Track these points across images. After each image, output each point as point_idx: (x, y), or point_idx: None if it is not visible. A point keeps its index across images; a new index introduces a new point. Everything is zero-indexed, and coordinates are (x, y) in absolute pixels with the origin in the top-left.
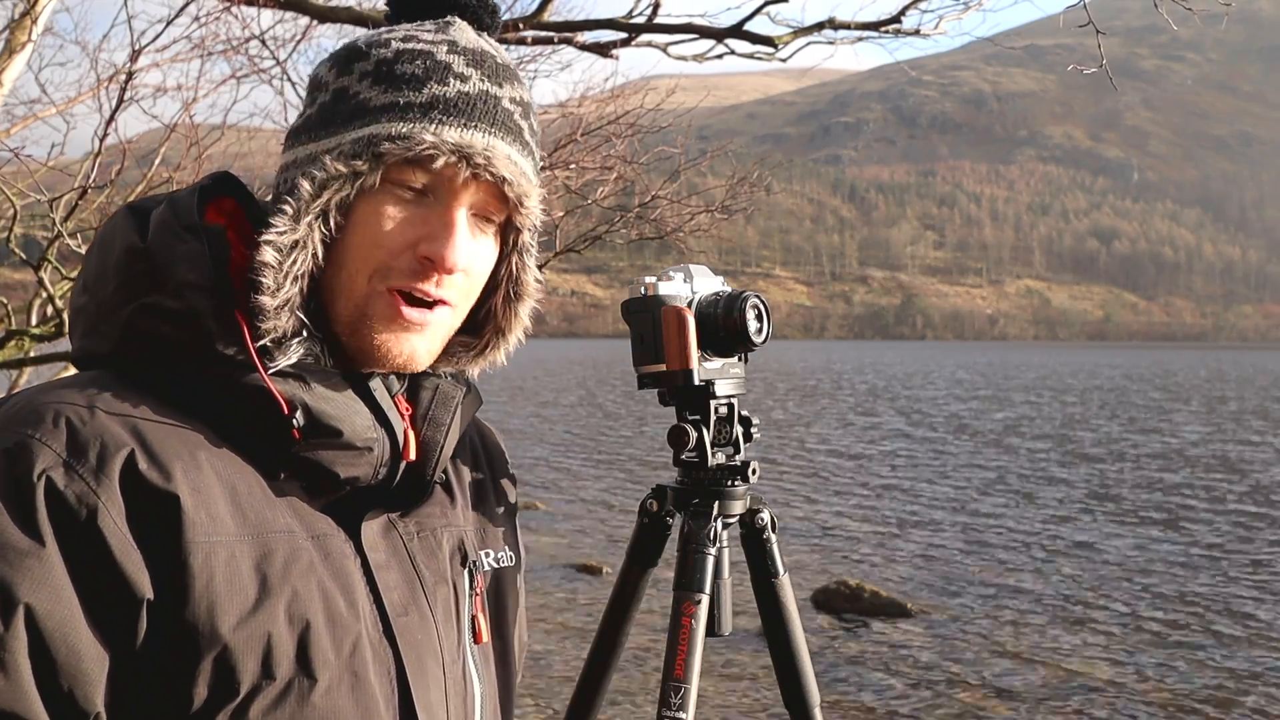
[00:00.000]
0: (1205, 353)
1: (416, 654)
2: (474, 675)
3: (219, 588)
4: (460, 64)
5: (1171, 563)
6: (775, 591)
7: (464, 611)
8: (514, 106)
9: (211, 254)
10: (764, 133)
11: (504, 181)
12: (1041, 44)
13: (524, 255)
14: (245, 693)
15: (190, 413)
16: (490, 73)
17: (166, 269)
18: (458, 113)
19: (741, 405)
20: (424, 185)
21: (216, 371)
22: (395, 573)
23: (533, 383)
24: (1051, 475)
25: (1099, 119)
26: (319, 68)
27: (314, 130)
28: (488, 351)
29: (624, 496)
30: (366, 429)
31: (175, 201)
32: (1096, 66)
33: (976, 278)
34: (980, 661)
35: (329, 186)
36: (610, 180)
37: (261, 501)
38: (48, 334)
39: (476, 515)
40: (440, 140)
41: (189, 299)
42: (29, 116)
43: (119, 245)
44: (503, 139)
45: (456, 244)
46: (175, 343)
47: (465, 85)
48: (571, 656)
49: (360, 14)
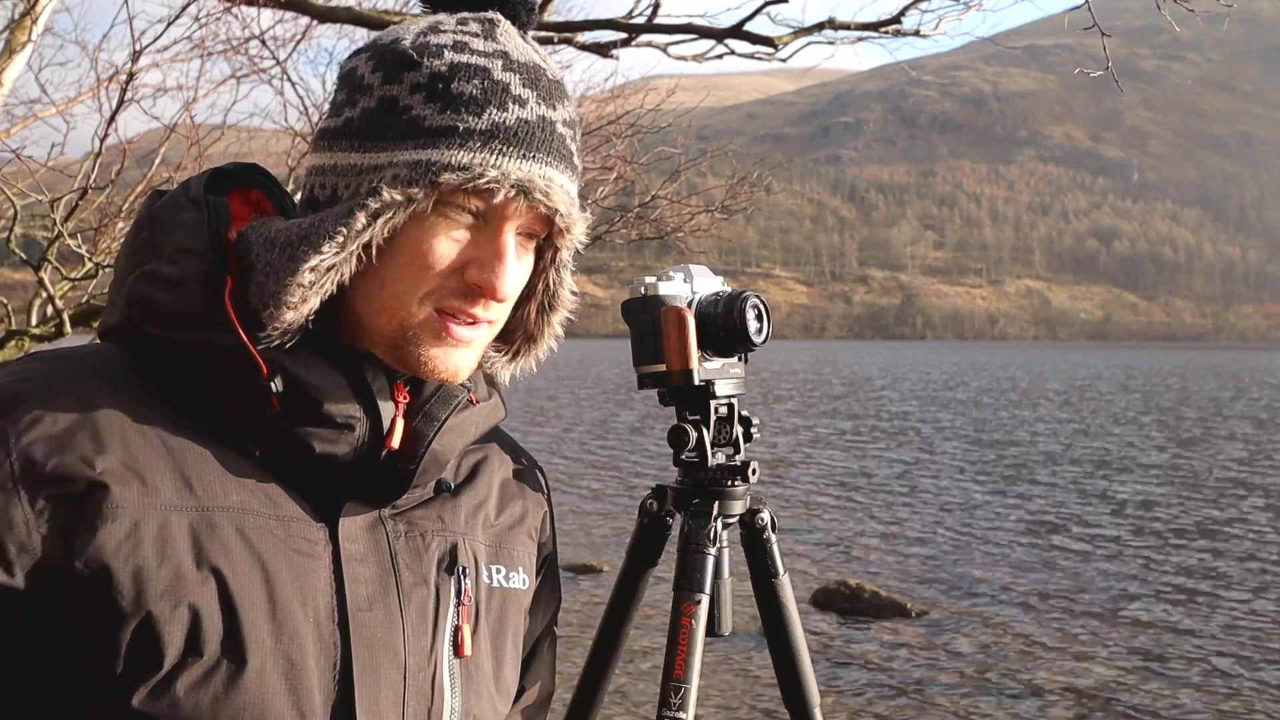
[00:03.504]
0: (1205, 353)
1: (370, 652)
2: (446, 688)
3: (145, 555)
4: (517, 85)
5: (1172, 563)
6: (775, 591)
7: (444, 620)
8: (566, 130)
9: (208, 224)
10: (764, 133)
11: (557, 213)
12: (1041, 44)
13: (561, 271)
14: (169, 667)
15: (172, 383)
16: (546, 94)
17: (165, 236)
18: (518, 142)
19: (741, 405)
20: (477, 210)
21: (198, 335)
22: (370, 568)
23: (533, 383)
24: (1051, 475)
25: (1099, 119)
26: (357, 63)
27: (359, 139)
28: (519, 357)
29: (624, 496)
30: (347, 403)
31: (189, 180)
32: (1101, 69)
33: (976, 278)
34: (980, 661)
35: (383, 215)
36: (610, 180)
37: (217, 477)
38: (48, 334)
39: (490, 529)
40: (504, 174)
41: (184, 264)
42: (29, 116)
43: (135, 221)
44: (558, 168)
45: (507, 273)
46: (166, 308)
47: (524, 111)
48: (571, 656)
49: (360, 14)
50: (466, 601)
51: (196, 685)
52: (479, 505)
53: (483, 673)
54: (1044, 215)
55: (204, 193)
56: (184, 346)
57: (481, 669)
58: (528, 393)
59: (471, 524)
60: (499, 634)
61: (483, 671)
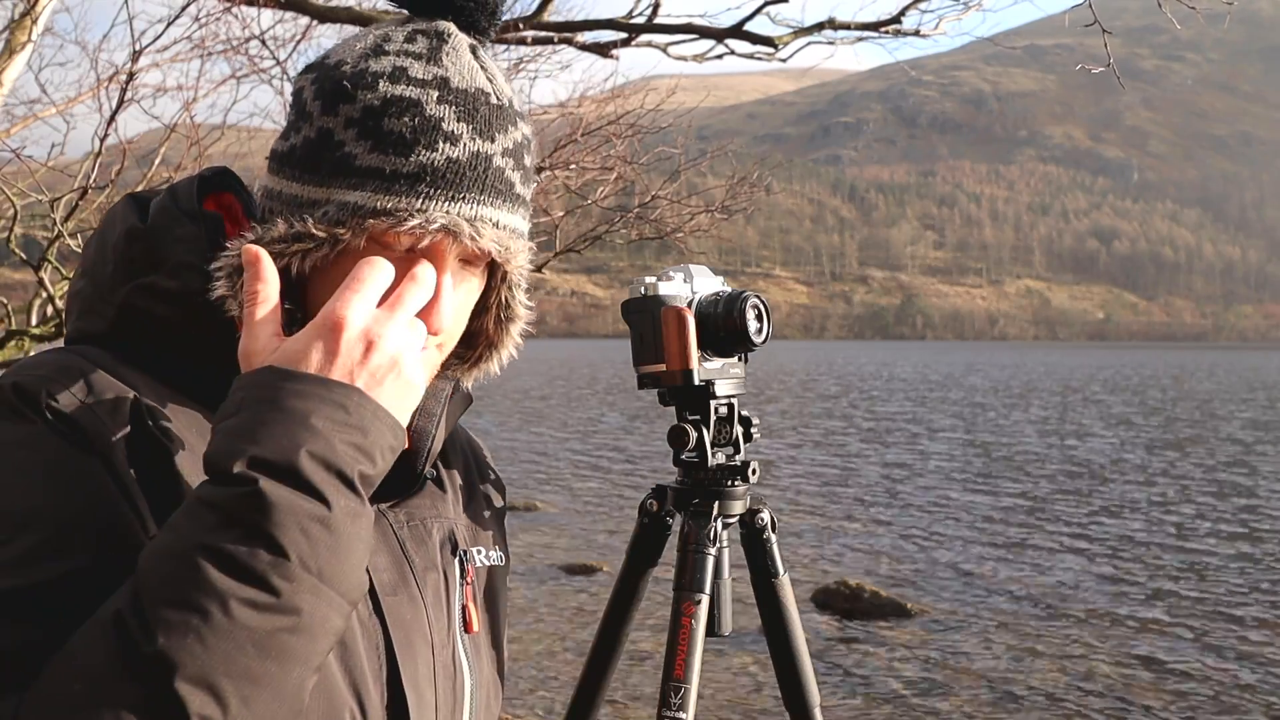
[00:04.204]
0: (1205, 353)
1: (404, 633)
2: (464, 664)
3: None
4: (451, 119)
5: (1173, 563)
6: (775, 591)
7: (454, 599)
8: (505, 160)
9: (208, 239)
10: (764, 133)
11: (488, 253)
12: (1041, 44)
13: (514, 289)
14: None
15: (180, 390)
16: (482, 126)
17: (164, 250)
18: (446, 184)
19: (741, 405)
20: (412, 246)
21: (208, 350)
22: (384, 557)
23: (533, 383)
24: (1052, 476)
25: (1099, 119)
26: (303, 83)
27: (299, 169)
28: (480, 363)
29: (624, 496)
30: None
31: (175, 189)
32: (1102, 67)
33: (976, 278)
34: (980, 661)
35: (299, 241)
36: (610, 180)
37: None
38: (48, 334)
39: (467, 515)
40: (428, 220)
41: (185, 279)
42: (29, 116)
43: (119, 228)
44: (492, 205)
45: (442, 310)
46: (170, 322)
47: (455, 149)
48: (572, 656)
49: (360, 14)
50: (471, 581)
51: None
52: (456, 490)
53: (484, 646)
54: (1044, 215)
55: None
56: (188, 358)
57: (483, 642)
58: (528, 393)
59: (456, 509)
60: (490, 609)
61: (484, 644)
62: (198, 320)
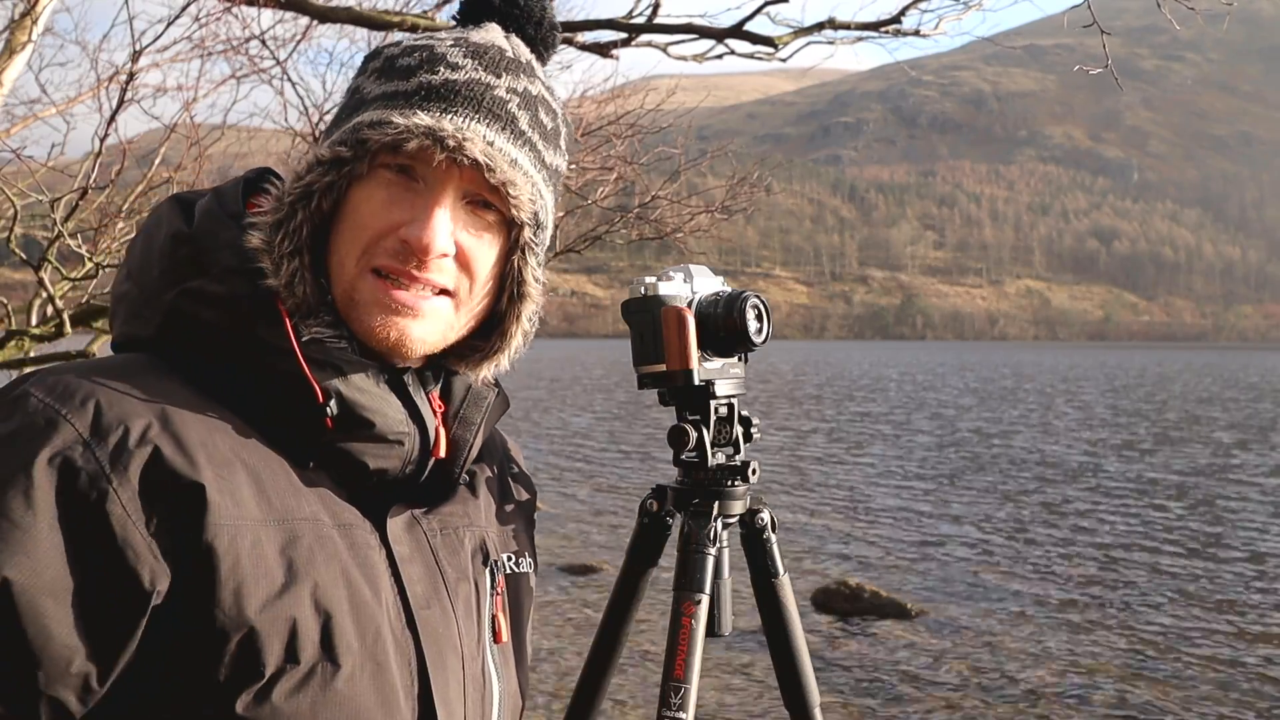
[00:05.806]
0: (1205, 353)
1: (437, 647)
2: (493, 674)
3: (245, 571)
4: (458, 55)
5: (1174, 563)
6: (775, 591)
7: (484, 610)
8: (510, 95)
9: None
10: (764, 133)
11: (481, 166)
12: (1041, 44)
13: (525, 254)
14: (269, 675)
15: (225, 398)
16: (490, 64)
17: (211, 254)
18: (438, 98)
19: (741, 405)
20: (412, 172)
21: (254, 357)
22: (419, 566)
23: (533, 383)
24: (1053, 476)
25: (1099, 119)
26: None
27: (330, 130)
28: (493, 355)
29: (624, 496)
30: (399, 422)
31: (221, 192)
32: (1101, 67)
33: (976, 278)
34: (980, 661)
35: (314, 170)
36: (610, 180)
37: (287, 489)
38: (48, 334)
39: (498, 519)
40: (412, 124)
41: (232, 284)
42: (29, 116)
43: (164, 232)
44: (483, 123)
45: (434, 227)
46: (216, 327)
47: (455, 74)
48: (572, 656)
49: (360, 14)
50: (500, 591)
51: (294, 691)
52: (489, 497)
53: (512, 655)
54: (1044, 215)
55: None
56: (234, 363)
57: (511, 652)
58: (529, 393)
59: (488, 516)
60: (517, 618)
61: (512, 654)
62: (243, 324)
